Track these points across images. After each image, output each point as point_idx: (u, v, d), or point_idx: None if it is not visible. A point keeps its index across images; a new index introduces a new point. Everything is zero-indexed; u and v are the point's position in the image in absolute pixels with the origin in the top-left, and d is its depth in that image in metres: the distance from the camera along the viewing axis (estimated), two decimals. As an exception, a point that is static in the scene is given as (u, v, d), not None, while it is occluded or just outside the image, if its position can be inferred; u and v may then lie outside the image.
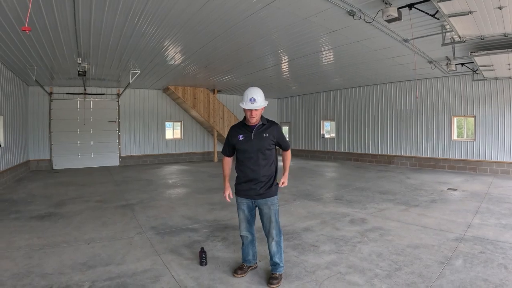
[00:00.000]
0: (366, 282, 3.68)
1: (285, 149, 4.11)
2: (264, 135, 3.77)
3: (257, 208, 3.91)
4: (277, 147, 4.00)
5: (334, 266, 4.14)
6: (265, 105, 3.74)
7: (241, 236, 3.99)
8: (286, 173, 4.12)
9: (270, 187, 3.85)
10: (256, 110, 3.67)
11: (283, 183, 4.01)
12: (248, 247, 4.01)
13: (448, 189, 9.31)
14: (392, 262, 4.23)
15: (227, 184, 3.98)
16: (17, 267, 4.18)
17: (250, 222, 3.94)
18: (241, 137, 3.81)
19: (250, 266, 4.08)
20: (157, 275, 3.95)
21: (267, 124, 3.85)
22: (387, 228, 5.70)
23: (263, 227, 3.92)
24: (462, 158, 13.22)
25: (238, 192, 3.92)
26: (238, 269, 4.00)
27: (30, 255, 4.61)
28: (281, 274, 3.82)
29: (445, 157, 13.73)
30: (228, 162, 4.03)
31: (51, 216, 6.77)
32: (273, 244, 3.80)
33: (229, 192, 3.94)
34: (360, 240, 5.12)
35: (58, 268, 4.17)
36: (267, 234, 3.86)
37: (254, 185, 3.79)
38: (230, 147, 3.94)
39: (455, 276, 3.79)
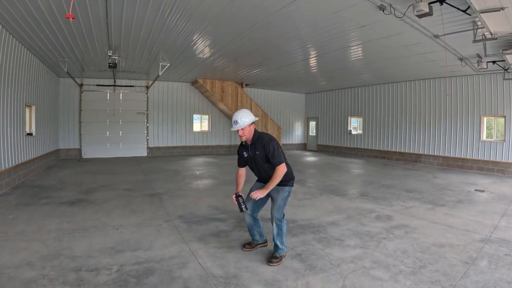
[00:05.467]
0: (391, 278, 3.70)
1: (274, 164, 4.00)
2: (257, 152, 4.10)
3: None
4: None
5: (359, 261, 4.16)
6: (248, 123, 3.99)
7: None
8: (265, 188, 3.96)
9: (281, 182, 4.07)
10: (242, 129, 4.00)
11: (255, 195, 3.93)
12: (253, 228, 4.41)
13: (476, 190, 9.09)
14: (417, 259, 4.22)
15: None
16: (47, 249, 4.37)
17: (258, 204, 4.27)
18: (245, 154, 4.24)
19: (259, 244, 4.49)
20: (184, 262, 4.08)
21: (256, 140, 4.11)
22: (413, 226, 5.66)
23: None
24: (491, 159, 12.83)
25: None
26: (247, 244, 4.55)
27: (60, 238, 4.81)
28: (282, 256, 4.14)
29: (473, 157, 13.35)
30: (241, 173, 4.34)
31: (80, 202, 7.03)
32: (274, 226, 4.16)
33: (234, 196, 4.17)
34: (386, 237, 5.12)
35: (87, 251, 4.35)
36: (271, 217, 4.19)
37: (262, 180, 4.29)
38: (240, 161, 4.34)
39: (479, 276, 3.76)
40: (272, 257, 4.08)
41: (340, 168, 13.52)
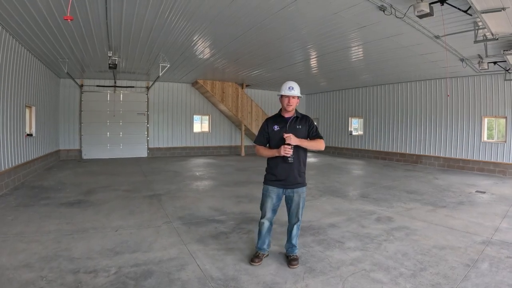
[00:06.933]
0: (391, 281, 3.67)
1: (317, 137, 3.99)
2: (298, 126, 3.98)
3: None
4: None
5: (359, 263, 4.14)
6: (300, 96, 4.01)
7: (261, 222, 4.16)
8: (302, 140, 3.88)
9: (300, 178, 4.04)
10: (293, 98, 3.93)
11: (289, 136, 3.77)
12: (266, 236, 4.20)
13: (477, 191, 9.06)
14: (417, 262, 4.19)
15: (275, 151, 3.94)
16: (45, 251, 4.36)
17: (275, 210, 4.17)
18: (276, 127, 4.02)
19: (264, 254, 4.28)
20: (183, 264, 4.05)
21: (301, 116, 4.08)
22: (413, 228, 5.63)
23: (289, 212, 4.17)
24: (492, 160, 12.77)
25: (267, 182, 4.11)
26: (255, 258, 4.17)
27: (59, 240, 4.79)
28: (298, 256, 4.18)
29: (474, 158, 13.29)
30: (263, 147, 4.17)
31: (80, 203, 7.01)
32: (295, 227, 4.16)
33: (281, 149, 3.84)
34: (386, 239, 5.09)
35: (85, 253, 4.33)
36: (293, 219, 4.14)
37: (284, 175, 3.98)
38: (264, 137, 4.11)
39: (480, 279, 3.73)
40: (293, 259, 4.08)
41: (341, 169, 13.51)
